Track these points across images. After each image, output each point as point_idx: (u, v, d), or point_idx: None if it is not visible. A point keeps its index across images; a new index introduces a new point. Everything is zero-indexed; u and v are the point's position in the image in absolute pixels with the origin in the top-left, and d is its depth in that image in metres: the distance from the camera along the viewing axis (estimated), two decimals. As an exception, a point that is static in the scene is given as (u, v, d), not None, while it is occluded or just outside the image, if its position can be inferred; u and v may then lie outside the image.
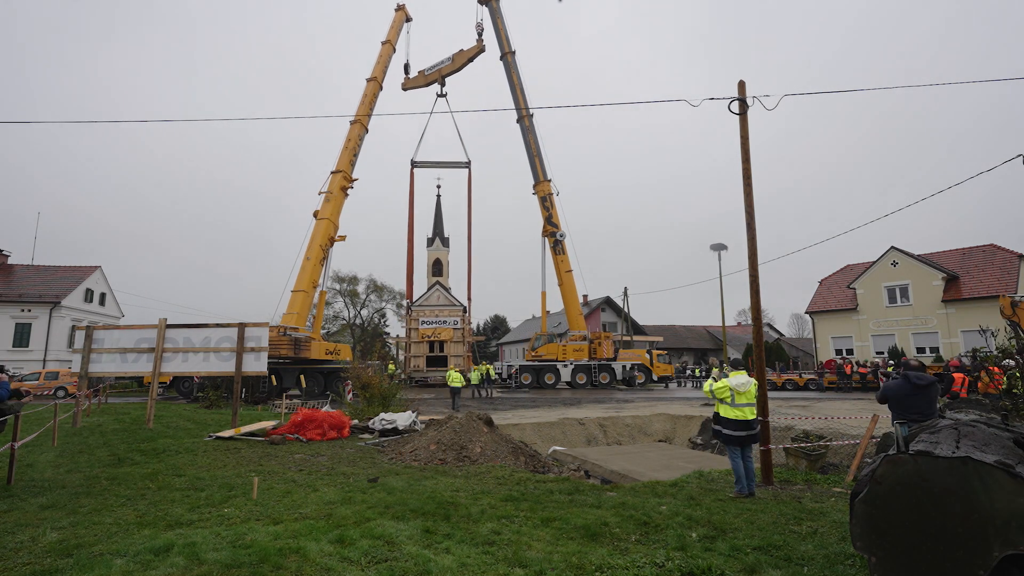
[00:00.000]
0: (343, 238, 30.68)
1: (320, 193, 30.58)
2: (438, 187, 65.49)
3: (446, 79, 40.52)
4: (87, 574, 4.11)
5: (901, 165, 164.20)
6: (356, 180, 32.22)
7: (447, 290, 46.02)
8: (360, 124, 32.55)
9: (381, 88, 34.91)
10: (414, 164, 42.42)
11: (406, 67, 40.48)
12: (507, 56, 38.23)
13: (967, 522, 3.07)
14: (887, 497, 3.37)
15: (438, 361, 40.25)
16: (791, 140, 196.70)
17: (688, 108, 9.51)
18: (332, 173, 31.02)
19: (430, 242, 63.09)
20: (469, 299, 42.88)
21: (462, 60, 39.48)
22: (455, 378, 21.69)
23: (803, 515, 5.95)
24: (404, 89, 40.57)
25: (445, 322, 40.99)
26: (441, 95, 40.76)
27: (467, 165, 43.76)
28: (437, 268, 61.80)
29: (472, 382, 28.66)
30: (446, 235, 63.61)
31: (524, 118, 37.10)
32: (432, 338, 40.22)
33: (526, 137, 37.53)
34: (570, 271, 35.81)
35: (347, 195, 31.82)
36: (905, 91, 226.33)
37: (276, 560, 4.36)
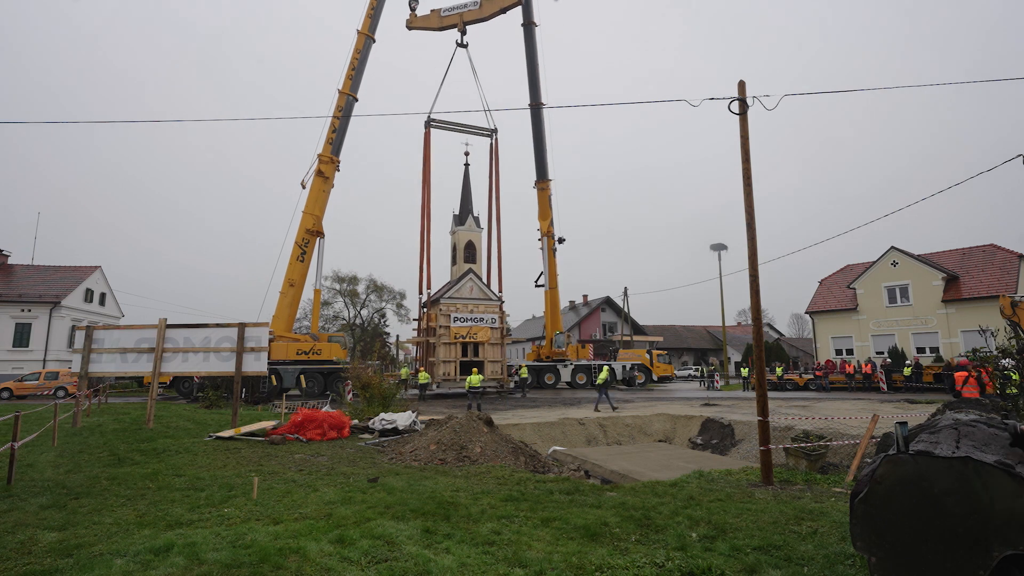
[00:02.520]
0: (320, 233, 28.06)
1: (303, 186, 28.12)
2: (466, 154, 47.05)
3: (467, 27, 33.63)
4: (87, 574, 4.10)
5: (902, 165, 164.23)
6: (337, 162, 28.68)
7: (481, 280, 36.08)
8: (342, 94, 28.71)
9: (373, 40, 30.04)
10: (430, 122, 34.28)
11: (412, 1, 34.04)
12: (531, 26, 33.35)
13: (967, 522, 3.06)
14: (887, 497, 3.37)
15: (470, 368, 31.47)
16: (791, 139, 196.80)
17: (688, 108, 9.50)
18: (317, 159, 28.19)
19: (460, 220, 47.07)
20: (500, 291, 34.27)
21: (493, 9, 33.02)
22: (604, 376, 22.36)
23: (803, 515, 5.94)
24: (409, 28, 34.37)
25: (482, 319, 32.46)
26: (462, 45, 33.75)
27: (492, 133, 36.14)
28: (470, 253, 45.80)
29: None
30: (476, 213, 47.69)
31: (540, 105, 33.33)
32: (467, 339, 31.69)
33: (538, 127, 33.99)
34: (557, 275, 35.54)
35: (325, 179, 28.23)
36: (905, 91, 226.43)
37: (276, 560, 4.36)
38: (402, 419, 13.27)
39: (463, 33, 33.61)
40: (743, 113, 8.82)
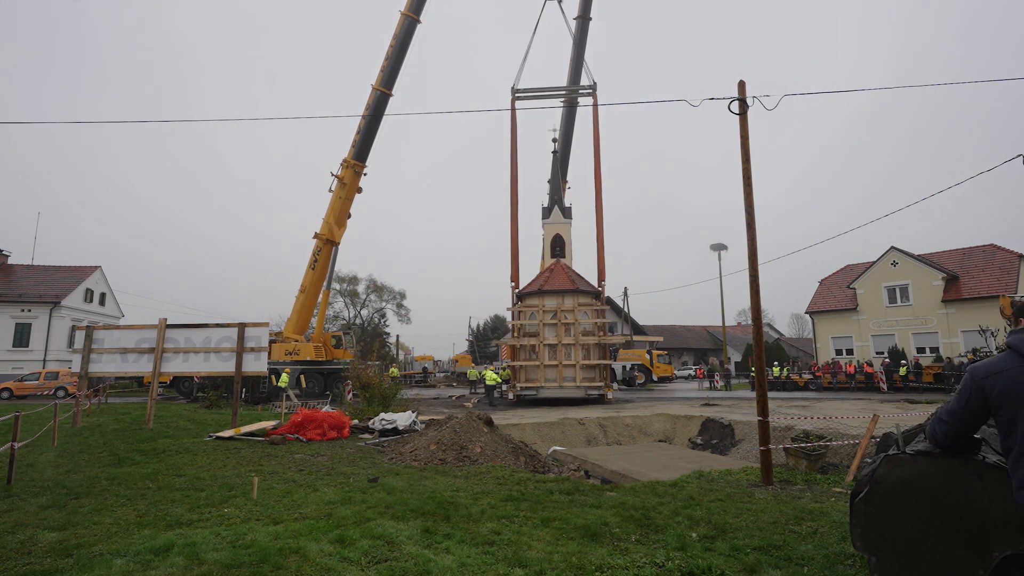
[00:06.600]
0: (334, 242, 27.86)
1: (330, 191, 27.92)
2: (554, 141, 35.04)
3: None
4: (87, 574, 4.10)
5: (902, 165, 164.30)
6: (361, 167, 27.75)
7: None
8: (374, 90, 27.53)
9: (419, 22, 27.63)
10: (516, 93, 28.78)
11: None
12: (584, 20, 31.73)
13: (967, 522, 3.06)
14: (887, 497, 3.37)
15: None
16: (791, 139, 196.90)
17: (688, 108, 9.50)
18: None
19: (560, 212, 34.71)
20: (602, 286, 28.02)
21: None
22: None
23: (803, 515, 5.94)
24: None
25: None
26: None
27: (590, 91, 29.07)
28: (557, 247, 34.18)
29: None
30: (568, 203, 35.55)
31: (585, 98, 30.81)
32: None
33: (569, 124, 32.55)
34: None
35: (344, 185, 27.46)
36: (905, 91, 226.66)
37: (276, 560, 4.35)
38: (402, 419, 13.28)
39: None
40: (743, 113, 8.82)
